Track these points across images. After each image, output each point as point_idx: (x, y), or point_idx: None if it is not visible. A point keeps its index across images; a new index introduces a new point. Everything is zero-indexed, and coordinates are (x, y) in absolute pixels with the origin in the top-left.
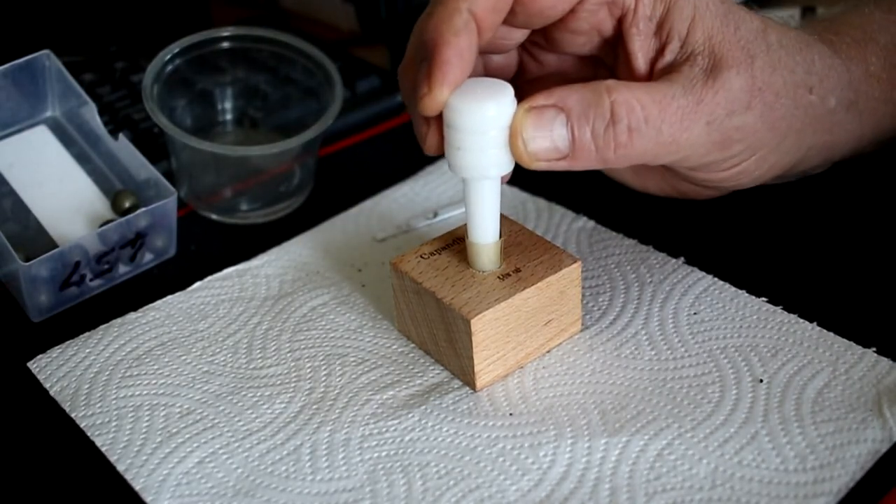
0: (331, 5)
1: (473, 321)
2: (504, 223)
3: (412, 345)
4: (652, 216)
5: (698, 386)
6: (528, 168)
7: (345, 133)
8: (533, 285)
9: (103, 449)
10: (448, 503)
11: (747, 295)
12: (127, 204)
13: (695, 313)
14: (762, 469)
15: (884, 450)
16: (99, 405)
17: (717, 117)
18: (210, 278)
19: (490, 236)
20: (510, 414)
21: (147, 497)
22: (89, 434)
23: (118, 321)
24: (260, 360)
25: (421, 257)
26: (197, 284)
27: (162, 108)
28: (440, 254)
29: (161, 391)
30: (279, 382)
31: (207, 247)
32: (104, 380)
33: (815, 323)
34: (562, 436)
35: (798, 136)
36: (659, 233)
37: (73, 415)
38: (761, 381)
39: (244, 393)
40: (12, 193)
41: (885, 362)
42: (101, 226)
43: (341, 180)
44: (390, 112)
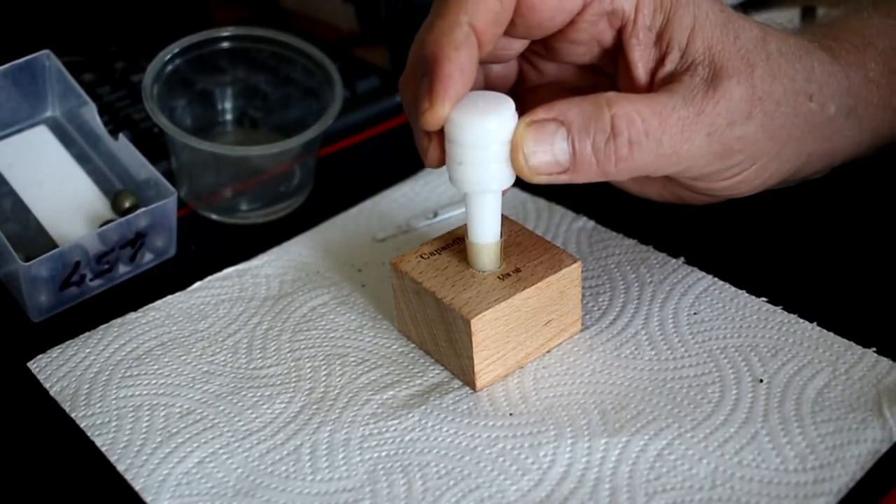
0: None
1: (473, 321)
2: (504, 223)
3: (412, 345)
4: (652, 216)
5: (698, 386)
6: (529, 181)
7: (345, 133)
8: (533, 285)
9: (103, 449)
10: (448, 503)
11: (747, 295)
12: (127, 204)
13: (695, 313)
14: (762, 469)
15: (884, 450)
16: (99, 405)
17: (718, 128)
18: (210, 278)
19: (490, 237)
20: (510, 414)
21: (147, 497)
22: (89, 434)
23: (118, 321)
24: (260, 360)
25: (421, 257)
26: (197, 284)
27: (162, 108)
28: (440, 254)
29: (161, 391)
30: (279, 382)
31: (207, 247)
32: (104, 380)
33: (815, 323)
34: (562, 436)
35: (798, 144)
36: (659, 233)
37: (73, 415)
38: (761, 381)
39: (244, 393)
40: (12, 193)
41: (885, 362)
42: (101, 226)
43: (341, 180)
44: (390, 112)
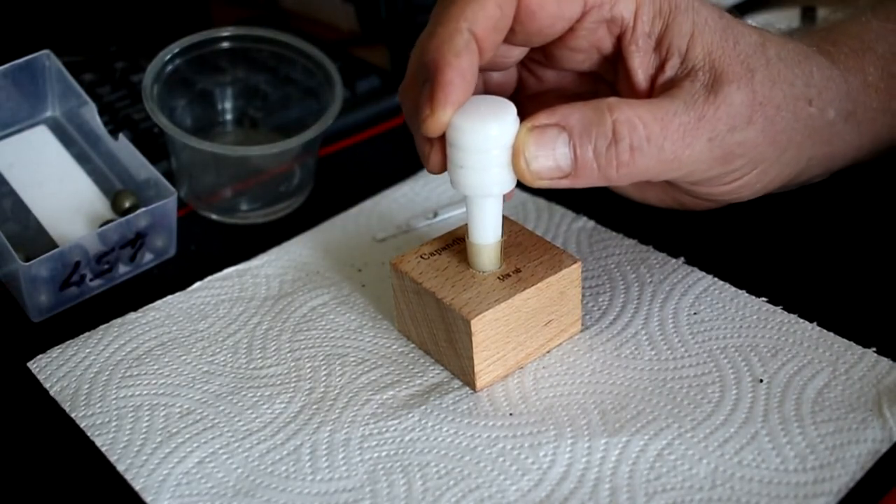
0: (331, 5)
1: (473, 321)
2: (504, 223)
3: (412, 345)
4: (652, 216)
5: (698, 386)
6: (531, 186)
7: (345, 133)
8: (533, 286)
9: (103, 449)
10: (448, 503)
11: (747, 295)
12: (127, 204)
13: (695, 313)
14: (762, 469)
15: (884, 450)
16: (99, 405)
17: (719, 133)
18: (210, 278)
19: (490, 238)
20: (510, 414)
21: (147, 497)
22: (89, 434)
23: (118, 321)
24: (260, 360)
25: (421, 257)
26: (197, 284)
27: (162, 108)
28: (440, 254)
29: (161, 391)
30: (279, 382)
31: (207, 247)
32: (104, 380)
33: (815, 323)
34: (562, 436)
35: (798, 149)
36: (659, 233)
37: (73, 415)
38: (761, 381)
39: (244, 393)
40: (12, 193)
41: (885, 362)
42: (101, 226)
43: (341, 180)
44: (390, 112)
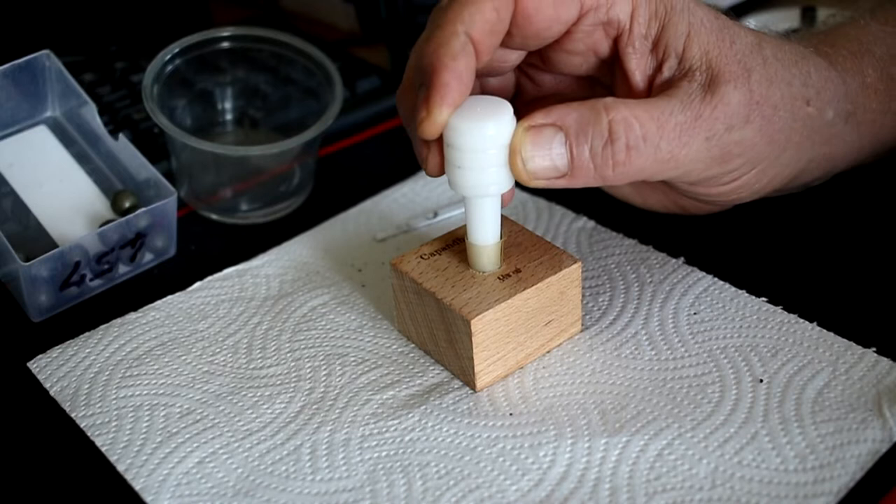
0: (331, 5)
1: (473, 322)
2: (504, 223)
3: (412, 345)
4: (652, 216)
5: (698, 386)
6: (528, 185)
7: (345, 133)
8: (533, 286)
9: (103, 449)
10: (448, 503)
11: (747, 295)
12: (127, 204)
13: (695, 313)
14: (762, 469)
15: (884, 450)
16: (99, 405)
17: (716, 132)
18: (210, 278)
19: (490, 238)
20: (510, 414)
21: (147, 497)
22: (89, 434)
23: (118, 321)
24: (260, 360)
25: (421, 258)
26: (197, 284)
27: (162, 108)
28: (440, 254)
29: (161, 391)
30: (279, 382)
31: (207, 247)
32: (104, 380)
33: (815, 323)
34: (562, 436)
35: (797, 149)
36: (659, 233)
37: (73, 415)
38: (761, 381)
39: (244, 393)
40: (12, 193)
41: (885, 362)
42: (101, 226)
43: (341, 180)
44: (390, 112)
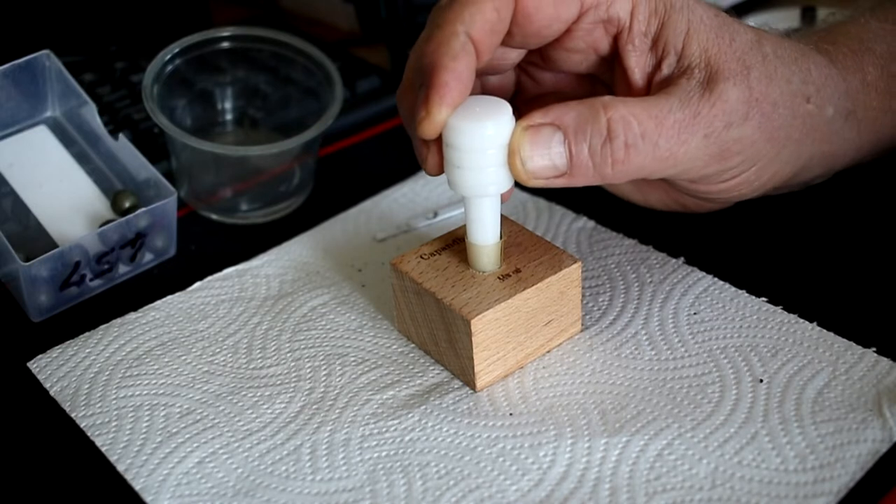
0: (331, 5)
1: (473, 321)
2: (504, 223)
3: (412, 345)
4: (652, 216)
5: (698, 386)
6: (527, 185)
7: (345, 133)
8: (533, 286)
9: (103, 449)
10: (448, 503)
11: (747, 295)
12: (127, 204)
13: (695, 313)
14: (762, 469)
15: (884, 450)
16: (99, 405)
17: (715, 129)
18: (210, 278)
19: (490, 238)
20: (510, 414)
21: (147, 497)
22: (89, 434)
23: (118, 321)
24: (260, 360)
25: (421, 257)
26: (197, 284)
27: (162, 108)
28: (440, 254)
29: (161, 391)
30: (279, 382)
31: (207, 247)
32: (104, 380)
33: (815, 323)
34: (562, 436)
35: (797, 146)
36: (659, 233)
37: (73, 415)
38: (761, 381)
39: (244, 393)
40: (12, 193)
41: (885, 362)
42: (101, 226)
43: (341, 180)
44: (390, 112)
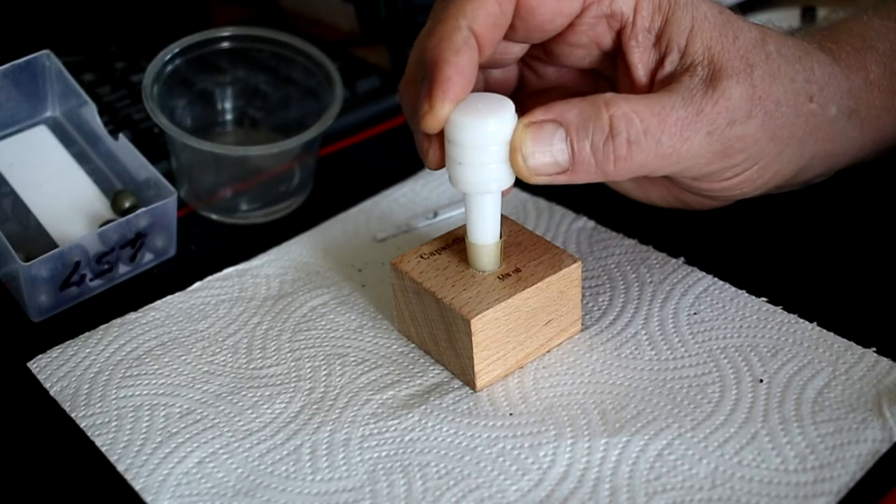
0: (331, 5)
1: (473, 321)
2: (504, 223)
3: (412, 345)
4: (652, 216)
5: (698, 386)
6: (529, 182)
7: (345, 133)
8: (533, 285)
9: (103, 449)
10: (448, 503)
11: (747, 295)
12: (127, 204)
13: (695, 313)
14: (762, 469)
15: (884, 450)
16: (99, 405)
17: (718, 127)
18: (210, 278)
19: (490, 237)
20: (510, 414)
21: (147, 497)
22: (89, 434)
23: (118, 321)
24: (260, 360)
25: (421, 257)
26: (197, 284)
27: (162, 108)
28: (440, 254)
29: (161, 391)
30: (279, 382)
31: (207, 247)
32: (104, 380)
33: (815, 323)
34: (562, 436)
35: (800, 145)
36: (659, 233)
37: (73, 415)
38: (761, 381)
39: (244, 393)
40: (12, 193)
41: (885, 362)
42: (101, 226)
43: (341, 180)
44: (390, 112)
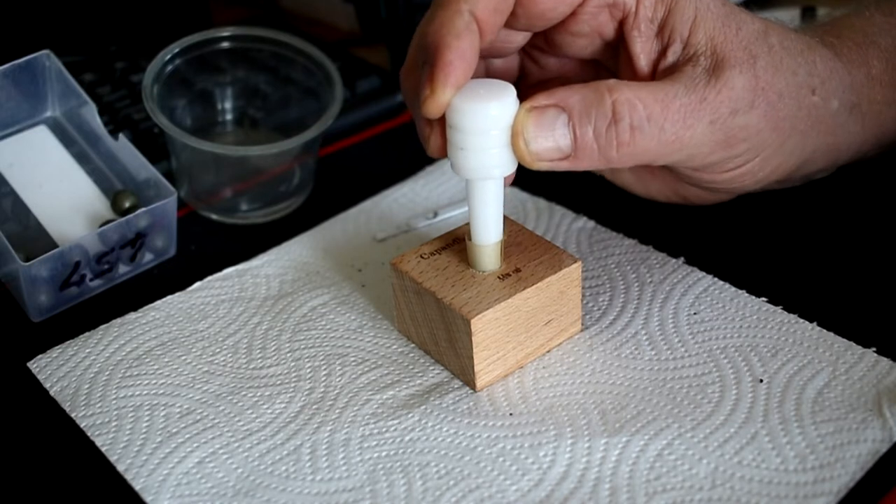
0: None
1: (473, 321)
2: (504, 223)
3: (412, 345)
4: (652, 216)
5: (698, 386)
6: (531, 168)
7: (345, 133)
8: (533, 285)
9: (103, 449)
10: (448, 503)
11: (747, 295)
12: (127, 204)
13: (695, 313)
14: (762, 469)
15: (884, 450)
16: (99, 405)
17: (721, 116)
18: (210, 278)
19: (491, 237)
20: (510, 414)
21: (147, 497)
22: (89, 434)
23: (118, 321)
24: (260, 360)
25: (421, 257)
26: (197, 284)
27: (162, 108)
28: (440, 254)
29: (161, 391)
30: (279, 382)
31: (207, 247)
32: (104, 380)
33: (815, 323)
34: (562, 436)
35: (802, 138)
36: (659, 233)
37: (73, 415)
38: (761, 381)
39: (244, 393)
40: (12, 193)
41: (885, 362)
42: (101, 226)
43: (341, 180)
44: (390, 112)
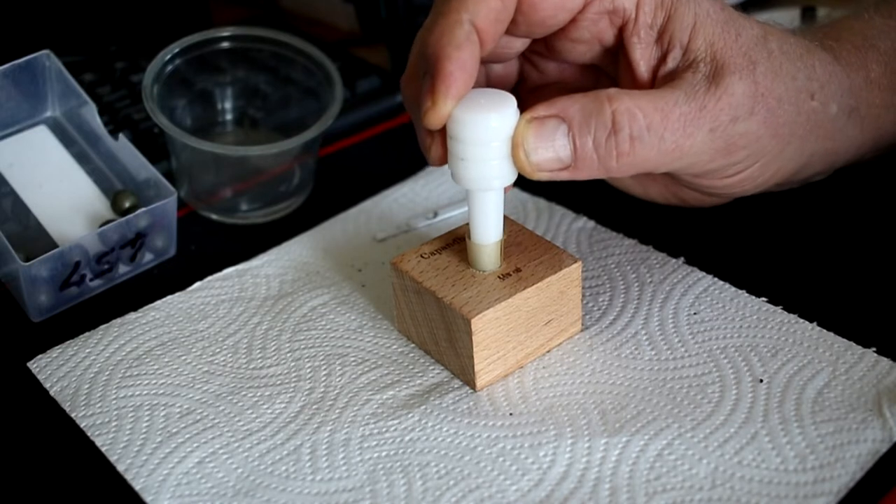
0: (331, 5)
1: (474, 321)
2: (504, 223)
3: (412, 345)
4: (652, 216)
5: (698, 386)
6: (531, 178)
7: (345, 133)
8: (533, 285)
9: (103, 449)
10: (448, 503)
11: (747, 295)
12: (127, 204)
13: (695, 313)
14: (762, 469)
15: (884, 450)
16: (99, 405)
17: (721, 123)
18: (210, 278)
19: (491, 237)
20: (510, 414)
21: (147, 497)
22: (89, 434)
23: (118, 321)
24: (260, 360)
25: (421, 257)
26: (197, 284)
27: (162, 108)
28: (440, 253)
29: (161, 391)
30: (279, 382)
31: (207, 247)
32: (104, 380)
33: (815, 323)
34: (562, 436)
35: (801, 143)
36: (659, 233)
37: (73, 415)
38: (761, 381)
39: (244, 393)
40: (12, 193)
41: (885, 362)
42: (101, 226)
43: (341, 180)
44: (390, 112)
